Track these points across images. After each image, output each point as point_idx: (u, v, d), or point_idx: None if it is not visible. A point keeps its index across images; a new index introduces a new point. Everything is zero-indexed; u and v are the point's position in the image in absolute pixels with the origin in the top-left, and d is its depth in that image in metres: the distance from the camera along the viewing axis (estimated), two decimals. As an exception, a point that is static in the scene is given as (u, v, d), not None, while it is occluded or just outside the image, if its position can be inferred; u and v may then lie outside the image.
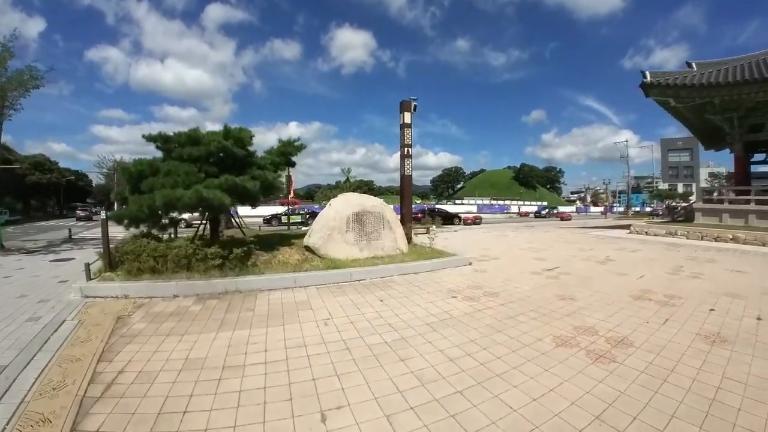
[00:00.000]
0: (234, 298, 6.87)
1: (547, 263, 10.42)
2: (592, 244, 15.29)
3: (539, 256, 11.59)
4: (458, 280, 8.22)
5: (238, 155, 8.70)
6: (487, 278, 8.43)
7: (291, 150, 9.94)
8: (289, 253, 8.51)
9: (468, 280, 8.18)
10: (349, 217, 9.03)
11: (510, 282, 8.08)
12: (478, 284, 7.83)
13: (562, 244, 14.86)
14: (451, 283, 7.93)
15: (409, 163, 11.48)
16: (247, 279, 7.41)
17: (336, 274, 7.89)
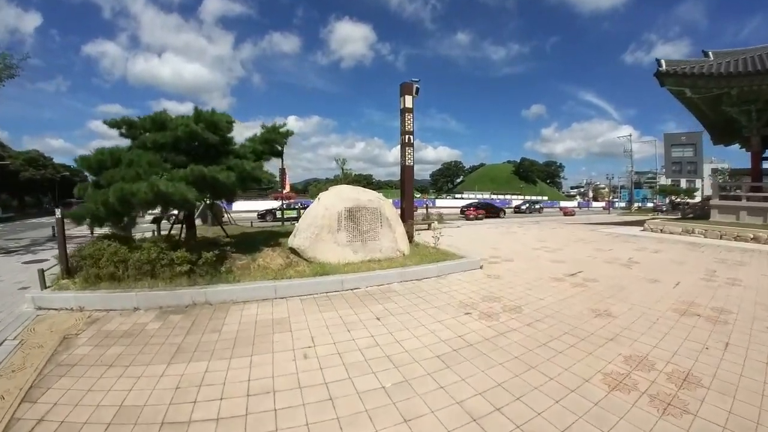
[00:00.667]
0: (201, 312, 5.70)
1: (567, 266, 9.22)
2: (609, 242, 14.08)
3: (556, 258, 10.36)
4: (470, 288, 6.99)
5: (211, 142, 7.42)
6: (503, 286, 7.20)
7: (276, 137, 8.64)
8: (271, 256, 7.25)
9: (481, 289, 6.95)
10: (340, 213, 7.79)
11: (531, 292, 6.85)
12: (494, 294, 6.60)
13: (576, 243, 13.63)
14: (462, 292, 6.70)
15: (411, 153, 10.19)
16: (219, 289, 6.21)
17: (324, 282, 6.64)
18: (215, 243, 7.36)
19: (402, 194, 10.50)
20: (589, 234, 17.24)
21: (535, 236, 16.10)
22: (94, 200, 6.59)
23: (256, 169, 7.23)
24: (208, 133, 7.29)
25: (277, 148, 9.23)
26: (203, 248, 7.00)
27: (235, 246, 8.90)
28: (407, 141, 10.11)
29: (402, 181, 10.43)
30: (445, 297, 6.41)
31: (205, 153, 7.67)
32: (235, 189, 7.29)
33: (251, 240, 10.98)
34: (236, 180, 7.15)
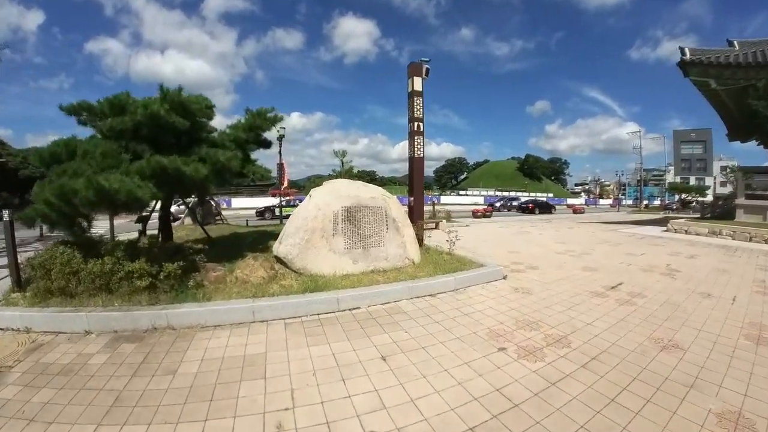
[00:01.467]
0: (161, 341, 4.48)
1: (602, 276, 7.89)
2: (636, 245, 12.74)
3: (586, 264, 9.01)
4: (497, 308, 5.66)
5: (180, 128, 6.09)
6: (536, 305, 5.88)
7: (262, 123, 7.29)
8: (252, 266, 5.92)
9: (511, 309, 5.63)
10: (336, 214, 6.45)
11: (573, 313, 5.53)
12: (528, 317, 5.28)
13: (601, 246, 12.27)
14: (489, 314, 5.38)
15: (420, 142, 8.82)
16: (184, 310, 4.94)
17: (315, 300, 5.30)
18: (181, 250, 6.04)
19: (410, 190, 9.13)
20: (611, 235, 15.86)
21: (552, 237, 14.73)
22: (40, 199, 5.34)
23: (232, 160, 5.89)
24: (174, 116, 5.97)
25: (265, 138, 7.91)
26: (173, 256, 5.74)
27: (214, 251, 7.62)
28: (416, 129, 8.74)
29: (410, 175, 9.06)
30: (468, 322, 5.07)
31: (175, 142, 6.37)
32: (208, 184, 5.96)
33: (237, 243, 9.68)
34: (210, 173, 5.83)
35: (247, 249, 8.07)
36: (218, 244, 9.05)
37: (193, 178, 5.54)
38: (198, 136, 6.61)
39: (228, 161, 5.85)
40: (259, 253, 6.90)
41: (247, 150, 7.26)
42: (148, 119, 5.89)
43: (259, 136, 7.42)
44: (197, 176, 5.55)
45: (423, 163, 9.02)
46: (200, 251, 6.20)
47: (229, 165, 5.88)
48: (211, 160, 5.88)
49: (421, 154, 8.84)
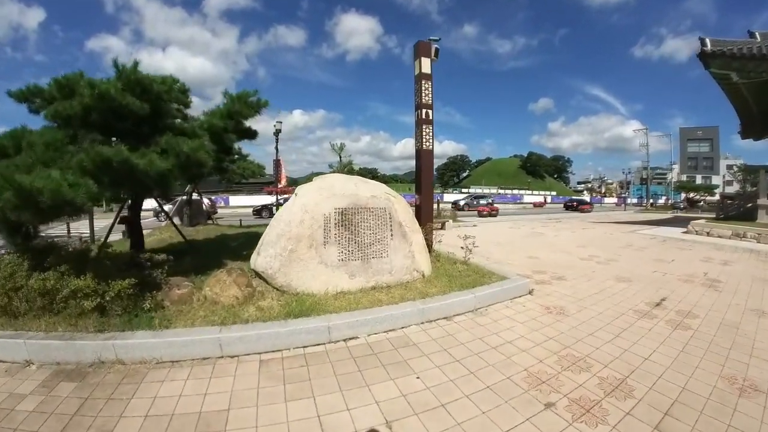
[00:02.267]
0: (104, 381, 3.48)
1: (639, 288, 6.79)
2: (662, 249, 11.59)
3: (617, 273, 7.85)
4: (530, 336, 4.53)
5: (138, 112, 4.95)
6: (575, 330, 4.76)
7: (243, 110, 6.13)
8: (224, 282, 4.75)
9: (546, 338, 4.49)
10: (328, 218, 5.29)
11: (622, 341, 4.43)
12: (572, 350, 4.16)
13: (626, 251, 11.11)
14: (521, 345, 4.26)
15: (429, 132, 7.63)
16: (135, 341, 3.86)
17: (300, 330, 4.13)
18: (137, 263, 4.89)
19: (417, 187, 7.93)
20: (631, 237, 14.68)
21: (570, 240, 13.55)
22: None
23: (199, 150, 4.73)
24: (128, 97, 4.81)
25: (248, 127, 6.78)
26: (129, 269, 4.63)
27: (190, 260, 6.52)
28: (425, 117, 7.55)
29: (417, 171, 7.86)
30: (497, 360, 3.91)
31: (133, 130, 5.24)
32: (169, 180, 4.79)
33: (220, 248, 8.54)
34: (173, 167, 4.68)
35: (229, 256, 6.95)
36: (199, 250, 7.93)
37: (147, 172, 4.39)
38: (162, 124, 5.46)
39: (194, 152, 4.69)
40: (239, 262, 5.75)
41: (226, 140, 6.10)
42: (97, 101, 4.77)
43: (239, 125, 6.27)
44: (153, 170, 4.40)
45: (432, 157, 7.83)
46: (164, 262, 5.03)
47: (195, 157, 4.72)
48: (173, 151, 4.73)
49: (431, 145, 7.64)
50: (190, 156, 4.67)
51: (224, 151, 6.71)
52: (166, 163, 4.59)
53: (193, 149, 4.68)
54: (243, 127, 6.56)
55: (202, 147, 4.77)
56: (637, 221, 24.11)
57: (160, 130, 5.30)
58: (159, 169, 4.46)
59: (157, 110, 5.35)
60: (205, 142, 4.91)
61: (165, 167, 4.55)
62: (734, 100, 20.71)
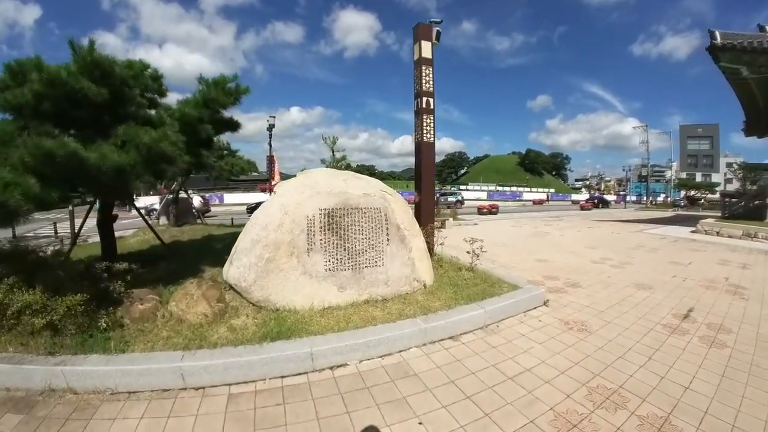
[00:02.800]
0: (52, 414, 2.94)
1: (661, 296, 6.13)
2: (674, 251, 10.91)
3: (636, 280, 7.15)
4: (551, 362, 3.83)
5: (95, 99, 4.20)
6: (602, 351, 4.09)
7: (220, 97, 5.36)
8: (191, 297, 4.03)
9: (571, 362, 3.81)
10: (312, 220, 4.53)
11: (657, 365, 3.78)
12: (603, 380, 3.47)
13: (637, 252, 10.43)
14: (543, 376, 3.55)
15: (431, 123, 6.89)
16: (87, 368, 3.22)
17: (277, 358, 3.42)
18: (92, 274, 4.13)
19: (417, 184, 7.18)
20: (640, 238, 13.99)
21: (577, 239, 12.86)
22: None
23: (162, 141, 3.98)
24: (84, 81, 4.07)
25: (229, 117, 6.05)
26: (84, 280, 3.92)
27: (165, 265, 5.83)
28: (425, 106, 6.81)
29: (417, 166, 7.11)
30: (516, 395, 3.21)
31: (92, 119, 4.48)
32: (129, 177, 4.04)
33: (202, 251, 7.75)
34: (135, 161, 3.95)
35: (210, 261, 6.22)
36: (177, 254, 7.21)
37: (100, 168, 3.66)
38: (125, 112, 4.70)
39: (156, 144, 3.95)
40: (219, 268, 5.00)
41: (201, 132, 5.33)
42: (47, 87, 4.03)
43: (217, 114, 5.51)
44: (106, 166, 3.67)
45: (434, 150, 7.07)
46: (126, 272, 4.27)
47: (159, 149, 3.97)
48: (132, 143, 3.99)
49: (432, 138, 6.89)
50: (152, 148, 3.92)
51: (203, 144, 5.98)
52: (125, 157, 3.87)
53: (155, 140, 3.94)
54: (222, 118, 5.81)
55: (165, 138, 4.02)
56: (641, 219, 23.45)
57: (122, 120, 4.54)
58: (113, 163, 3.73)
59: (120, 97, 4.60)
60: (169, 133, 4.13)
61: (122, 162, 3.82)
62: (742, 96, 20.02)
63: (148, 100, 5.65)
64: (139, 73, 5.32)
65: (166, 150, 4.05)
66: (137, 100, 4.90)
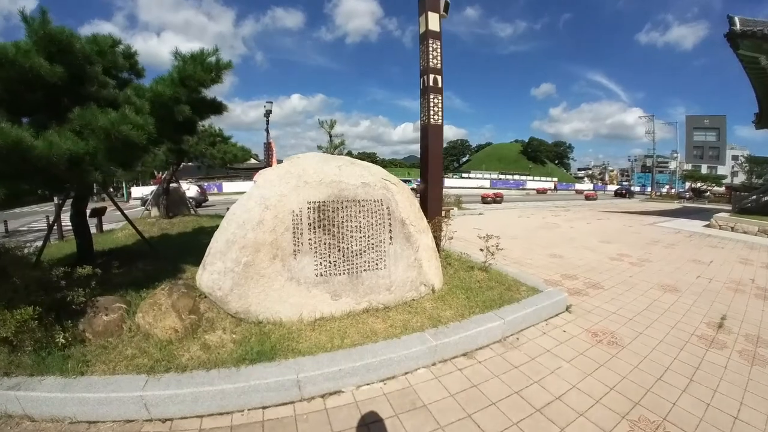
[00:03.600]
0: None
1: (690, 301, 5.52)
2: (692, 247, 10.27)
3: (661, 281, 6.54)
4: (581, 384, 3.26)
5: (50, 79, 3.54)
6: (635, 369, 3.53)
7: (198, 74, 4.58)
8: (160, 307, 3.41)
9: (604, 386, 3.23)
10: (299, 216, 3.81)
11: (702, 390, 3.21)
12: (639, 406, 2.93)
13: (656, 248, 9.78)
14: (576, 405, 2.97)
15: (438, 103, 6.17)
16: (41, 394, 2.70)
17: (257, 386, 2.82)
18: (46, 281, 3.49)
19: (423, 171, 6.45)
20: (653, 232, 13.31)
21: (589, 232, 12.21)
22: None
23: (121, 124, 3.30)
24: (35, 58, 3.40)
25: (213, 99, 5.35)
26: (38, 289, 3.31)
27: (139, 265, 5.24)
28: (432, 84, 6.09)
29: (423, 151, 6.40)
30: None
31: (50, 102, 3.82)
32: (87, 168, 3.39)
33: (186, 248, 7.07)
34: (92, 148, 3.30)
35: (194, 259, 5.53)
36: (161, 250, 6.60)
37: (50, 158, 3.01)
38: (87, 93, 4.02)
39: (114, 127, 3.28)
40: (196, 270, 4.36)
41: (177, 114, 4.59)
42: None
43: (196, 93, 4.78)
44: (56, 155, 3.03)
45: (442, 133, 6.32)
46: (89, 278, 3.64)
47: (120, 133, 3.30)
48: (88, 127, 3.33)
49: (440, 119, 6.15)
50: (111, 133, 3.26)
51: (183, 129, 5.31)
52: (80, 145, 3.21)
53: (114, 123, 3.27)
54: (203, 99, 5.10)
55: (125, 120, 3.34)
56: (649, 211, 22.76)
57: (84, 101, 3.86)
58: (64, 153, 3.08)
59: (80, 76, 3.93)
60: (131, 114, 3.43)
61: (76, 150, 3.17)
62: (758, 87, 19.14)
63: (118, 80, 4.98)
64: (107, 49, 4.63)
65: (129, 135, 3.38)
66: (100, 78, 4.20)
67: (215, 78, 4.72)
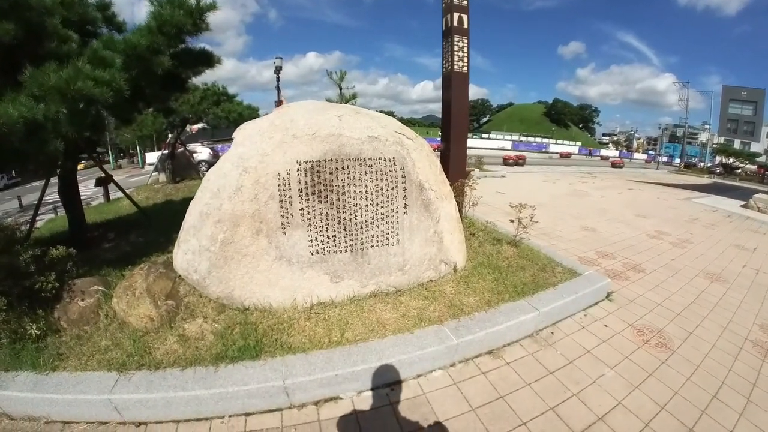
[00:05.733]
0: None
1: (740, 295, 4.87)
2: (734, 230, 9.29)
3: (705, 268, 5.80)
4: (627, 400, 2.69)
5: (3, 38, 2.88)
6: (688, 383, 2.97)
7: (178, 19, 3.72)
8: (135, 292, 2.86)
9: (655, 404, 2.67)
10: (286, 180, 3.06)
11: (759, 422, 2.62)
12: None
13: (696, 228, 8.91)
14: (621, 428, 2.37)
15: (464, 48, 5.24)
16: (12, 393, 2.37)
17: (236, 392, 2.31)
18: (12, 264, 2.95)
19: (445, 128, 5.59)
20: (690, 208, 12.27)
21: (619, 202, 11.34)
22: None
23: (76, 81, 2.62)
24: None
25: (200, 48, 4.59)
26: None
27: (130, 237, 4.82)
28: (456, 24, 5.14)
29: (446, 105, 5.54)
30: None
31: (4, 65, 3.17)
32: (46, 137, 2.76)
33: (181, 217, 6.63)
34: (50, 111, 2.66)
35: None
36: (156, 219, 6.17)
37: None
38: (46, 51, 3.30)
39: (69, 85, 2.61)
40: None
41: (155, 66, 3.79)
42: None
43: (178, 42, 3.98)
44: (8, 124, 2.41)
45: (467, 83, 5.46)
46: (65, 259, 3.09)
47: (77, 91, 2.63)
48: (42, 88, 2.67)
49: (466, 67, 5.25)
50: (66, 92, 2.59)
51: (171, 85, 4.61)
52: (35, 110, 2.56)
53: (69, 81, 2.59)
54: (189, 49, 4.33)
55: (80, 75, 2.65)
56: (680, 184, 21.43)
57: (43, 61, 3.15)
58: (15, 119, 2.44)
59: (38, 33, 3.21)
60: (84, 67, 2.74)
61: (29, 116, 2.52)
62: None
63: (93, 36, 4.28)
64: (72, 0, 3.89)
65: (90, 92, 2.71)
66: (61, 33, 3.46)
67: (198, 23, 3.92)
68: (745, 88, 68.89)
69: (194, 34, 4.04)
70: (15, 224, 3.82)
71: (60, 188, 5.04)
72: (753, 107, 67.88)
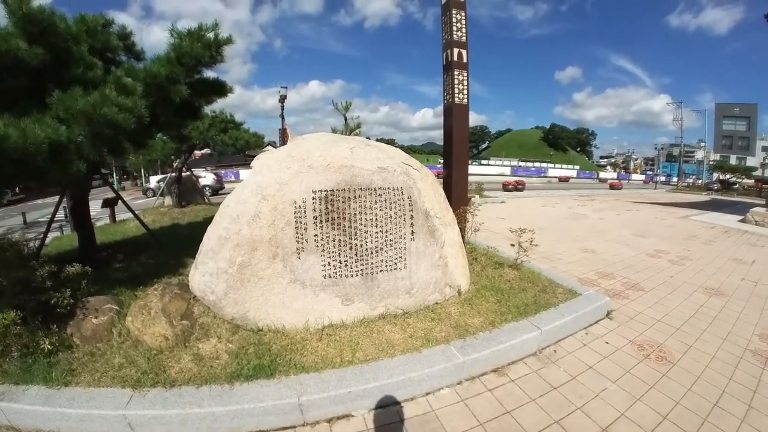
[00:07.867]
0: None
1: (738, 308, 4.93)
2: (731, 245, 9.48)
3: (704, 283, 5.92)
4: (631, 414, 2.75)
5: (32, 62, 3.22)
6: (690, 394, 3.03)
7: (196, 50, 4.05)
8: (150, 312, 3.02)
9: (658, 415, 2.74)
10: (302, 208, 3.30)
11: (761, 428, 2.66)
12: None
13: (694, 244, 9.07)
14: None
15: (463, 81, 5.57)
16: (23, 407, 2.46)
17: (252, 410, 2.42)
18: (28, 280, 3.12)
19: (446, 156, 5.87)
20: (688, 225, 12.50)
21: (618, 224, 11.50)
22: None
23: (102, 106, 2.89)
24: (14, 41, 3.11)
25: (214, 78, 4.92)
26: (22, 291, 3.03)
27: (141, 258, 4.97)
28: (456, 59, 5.49)
29: (447, 134, 5.82)
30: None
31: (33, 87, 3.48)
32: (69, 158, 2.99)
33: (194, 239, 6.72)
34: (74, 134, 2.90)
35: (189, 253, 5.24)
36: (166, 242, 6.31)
37: (26, 149, 2.62)
38: (72, 76, 3.59)
39: (95, 110, 2.86)
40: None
41: (173, 95, 4.08)
42: None
43: (194, 72, 4.29)
44: (34, 145, 2.64)
45: (467, 114, 5.75)
46: (80, 276, 3.27)
47: (102, 117, 2.88)
48: (68, 111, 2.92)
49: (465, 99, 5.57)
50: (92, 117, 2.84)
51: (185, 113, 4.91)
52: (61, 132, 2.81)
53: (94, 106, 2.85)
54: (204, 79, 4.66)
55: (106, 101, 2.92)
56: (678, 203, 21.68)
57: (69, 85, 3.43)
58: (41, 141, 2.68)
59: (65, 58, 3.51)
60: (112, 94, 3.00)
61: (55, 138, 2.76)
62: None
63: (114, 63, 4.61)
64: (97, 29, 4.25)
65: (115, 118, 2.95)
66: (86, 59, 3.76)
67: (215, 55, 4.26)
68: (737, 104, 70.09)
69: (211, 65, 4.38)
70: (24, 240, 4.00)
71: (72, 208, 5.24)
72: (746, 122, 68.92)
